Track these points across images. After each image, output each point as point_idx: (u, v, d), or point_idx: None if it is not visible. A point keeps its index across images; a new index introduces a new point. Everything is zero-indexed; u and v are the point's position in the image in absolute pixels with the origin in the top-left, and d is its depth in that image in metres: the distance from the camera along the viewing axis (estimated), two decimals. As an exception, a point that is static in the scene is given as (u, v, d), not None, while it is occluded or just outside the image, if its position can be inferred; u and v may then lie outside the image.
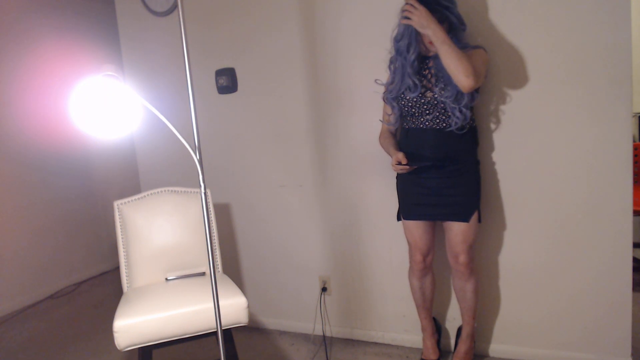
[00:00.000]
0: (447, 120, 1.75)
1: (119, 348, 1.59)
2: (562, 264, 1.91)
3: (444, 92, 1.70)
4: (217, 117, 2.48)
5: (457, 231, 1.81)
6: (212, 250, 1.29)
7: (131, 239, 1.98)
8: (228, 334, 1.78)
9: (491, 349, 2.09)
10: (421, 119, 1.79)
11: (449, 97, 1.69)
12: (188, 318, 1.64)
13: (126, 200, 2.03)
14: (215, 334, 1.72)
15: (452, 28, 1.69)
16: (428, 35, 1.62)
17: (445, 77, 1.69)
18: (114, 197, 3.49)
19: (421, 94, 1.76)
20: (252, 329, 2.59)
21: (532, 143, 1.88)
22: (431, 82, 1.76)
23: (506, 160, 1.94)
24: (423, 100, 1.76)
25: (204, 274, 2.00)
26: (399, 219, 1.98)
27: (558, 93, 1.82)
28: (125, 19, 2.65)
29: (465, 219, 1.79)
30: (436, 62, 1.72)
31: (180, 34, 1.26)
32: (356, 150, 2.20)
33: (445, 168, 1.78)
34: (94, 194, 3.92)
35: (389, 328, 2.28)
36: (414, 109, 1.79)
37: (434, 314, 2.14)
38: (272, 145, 2.39)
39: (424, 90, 1.76)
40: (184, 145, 1.23)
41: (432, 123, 1.77)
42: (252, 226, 2.52)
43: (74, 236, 3.70)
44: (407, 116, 1.84)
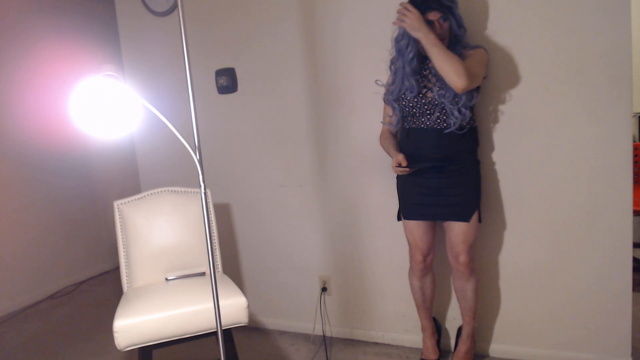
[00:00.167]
0: (448, 121, 1.75)
1: (119, 348, 1.59)
2: (562, 264, 1.91)
3: (441, 92, 1.71)
4: (217, 117, 2.48)
5: (457, 231, 1.81)
6: (212, 250, 1.29)
7: (131, 239, 1.98)
8: (228, 334, 1.78)
9: (491, 349, 2.09)
10: (422, 119, 1.79)
11: (446, 97, 1.70)
12: (188, 318, 1.64)
13: (126, 200, 2.03)
14: (215, 334, 1.72)
15: (454, 29, 1.71)
16: (419, 38, 1.65)
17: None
18: (114, 197, 3.51)
19: (422, 94, 1.77)
20: (252, 329, 2.59)
21: (532, 143, 1.88)
22: (431, 82, 1.76)
23: (506, 160, 1.94)
24: (424, 101, 1.76)
25: (204, 274, 2.00)
26: (399, 218, 1.98)
27: (558, 93, 1.82)
28: (125, 19, 2.65)
29: (466, 218, 1.79)
30: (436, 62, 1.73)
31: (180, 34, 1.26)
32: (356, 150, 2.20)
33: (445, 168, 1.78)
34: (94, 194, 3.92)
35: (389, 328, 2.28)
36: (415, 109, 1.79)
37: (434, 314, 2.14)
38: (272, 145, 2.39)
39: (424, 91, 1.77)
40: (184, 145, 1.23)
41: (433, 123, 1.77)
42: (252, 226, 2.52)
43: (74, 236, 3.69)
44: (408, 116, 1.84)
